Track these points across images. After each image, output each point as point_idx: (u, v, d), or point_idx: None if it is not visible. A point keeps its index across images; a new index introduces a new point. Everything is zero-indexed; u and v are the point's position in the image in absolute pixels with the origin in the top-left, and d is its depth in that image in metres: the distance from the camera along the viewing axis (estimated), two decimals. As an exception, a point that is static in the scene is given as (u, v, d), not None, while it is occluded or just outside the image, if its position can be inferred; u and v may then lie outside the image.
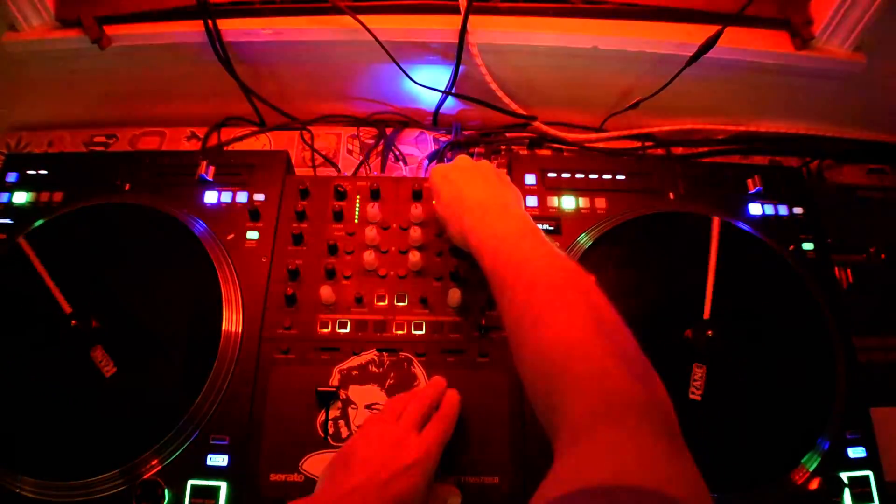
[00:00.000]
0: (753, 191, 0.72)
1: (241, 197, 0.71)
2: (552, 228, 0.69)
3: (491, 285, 0.51)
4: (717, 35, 0.74)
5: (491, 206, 0.56)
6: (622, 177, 0.73)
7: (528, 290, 0.46)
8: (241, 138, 0.93)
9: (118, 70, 0.88)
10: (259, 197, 0.71)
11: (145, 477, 0.55)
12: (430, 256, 0.68)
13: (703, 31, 0.78)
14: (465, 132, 0.91)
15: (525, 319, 0.45)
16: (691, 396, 0.58)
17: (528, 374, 0.44)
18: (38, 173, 0.73)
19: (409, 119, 0.95)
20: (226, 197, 0.71)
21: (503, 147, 0.91)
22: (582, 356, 0.40)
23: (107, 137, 0.94)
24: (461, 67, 0.83)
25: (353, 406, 0.59)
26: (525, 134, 0.92)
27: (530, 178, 0.72)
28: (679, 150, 0.93)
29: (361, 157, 0.90)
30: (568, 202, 0.71)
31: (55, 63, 0.86)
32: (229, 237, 0.68)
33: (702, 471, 0.55)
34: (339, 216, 0.69)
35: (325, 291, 0.64)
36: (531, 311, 0.45)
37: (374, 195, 0.71)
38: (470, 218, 0.56)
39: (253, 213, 0.69)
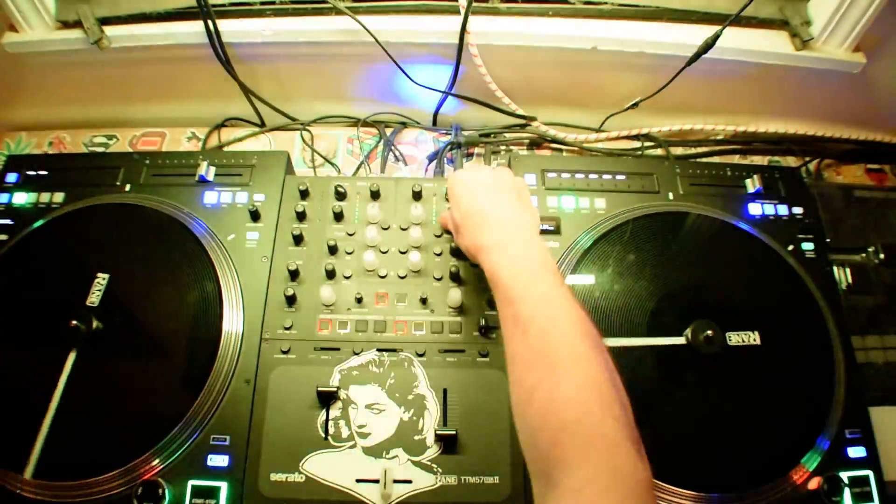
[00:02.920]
0: (753, 191, 0.72)
1: (242, 197, 0.71)
2: (552, 228, 0.69)
3: (501, 313, 0.50)
4: (717, 35, 0.74)
5: (512, 230, 0.54)
6: (622, 177, 0.73)
7: (545, 335, 0.46)
8: (241, 139, 0.93)
9: (118, 71, 0.88)
10: (259, 197, 0.71)
11: (146, 477, 0.55)
12: (429, 256, 0.68)
13: (702, 32, 0.78)
14: (465, 132, 0.91)
15: (539, 365, 0.45)
16: (756, 342, 0.60)
17: (532, 418, 0.44)
18: (38, 174, 0.73)
19: (408, 119, 0.95)
20: (226, 197, 0.71)
21: (503, 147, 0.91)
22: (598, 422, 0.41)
23: (107, 138, 0.94)
24: (461, 68, 0.83)
25: (353, 406, 0.59)
26: (525, 134, 0.92)
27: (530, 178, 0.72)
28: (678, 151, 0.93)
29: (361, 158, 0.90)
30: (568, 202, 0.71)
31: (55, 64, 0.86)
32: (229, 238, 0.68)
33: (702, 471, 0.56)
34: (339, 216, 0.69)
35: (326, 292, 0.64)
36: (547, 357, 0.45)
37: (374, 195, 0.71)
38: (487, 237, 0.54)
39: (253, 214, 0.69)
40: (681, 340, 0.61)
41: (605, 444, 0.40)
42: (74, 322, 0.60)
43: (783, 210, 0.72)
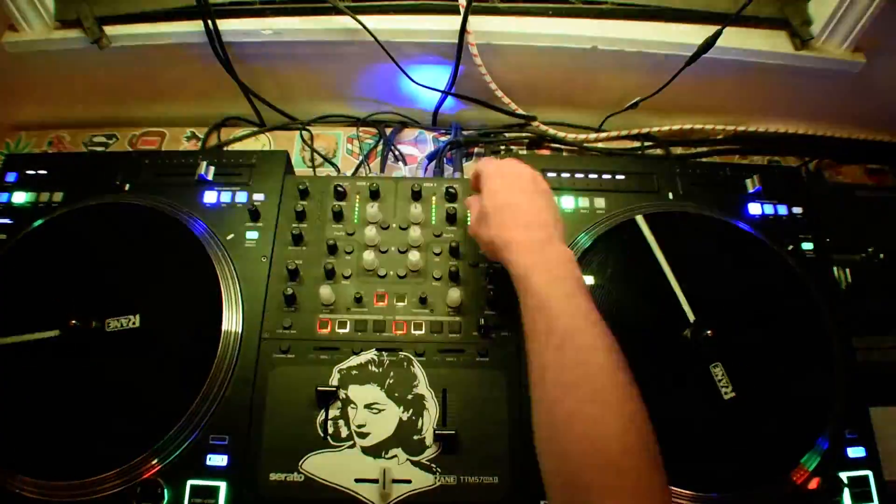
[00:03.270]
0: (752, 190, 0.72)
1: (241, 197, 0.71)
2: (551, 228, 0.69)
3: (529, 317, 0.49)
4: (717, 35, 0.74)
5: (550, 234, 0.53)
6: (621, 177, 0.73)
7: (586, 357, 0.45)
8: (240, 138, 0.93)
9: (118, 70, 0.88)
10: (259, 197, 0.71)
11: (145, 477, 0.55)
12: (429, 256, 0.68)
13: (702, 31, 0.78)
14: (465, 132, 0.91)
15: (579, 389, 0.44)
16: (726, 397, 0.58)
17: (569, 446, 0.43)
18: (37, 173, 0.73)
19: (408, 119, 0.95)
20: (225, 197, 0.71)
21: (502, 147, 0.91)
22: (637, 464, 0.41)
23: (106, 137, 0.94)
24: (461, 67, 0.83)
25: (352, 406, 0.59)
26: (524, 134, 0.92)
27: (530, 178, 0.72)
28: (678, 150, 0.93)
29: (361, 157, 0.90)
30: (567, 202, 0.71)
31: (55, 63, 0.86)
32: (229, 237, 0.68)
33: (702, 471, 0.56)
34: (338, 216, 0.69)
35: (325, 291, 0.64)
36: (588, 383, 0.44)
37: (374, 195, 0.71)
38: (521, 233, 0.52)
39: (252, 213, 0.69)
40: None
41: (643, 486, 0.41)
42: (74, 322, 0.60)
43: (783, 210, 0.72)
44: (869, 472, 0.58)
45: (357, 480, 0.56)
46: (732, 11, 0.74)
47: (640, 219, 0.66)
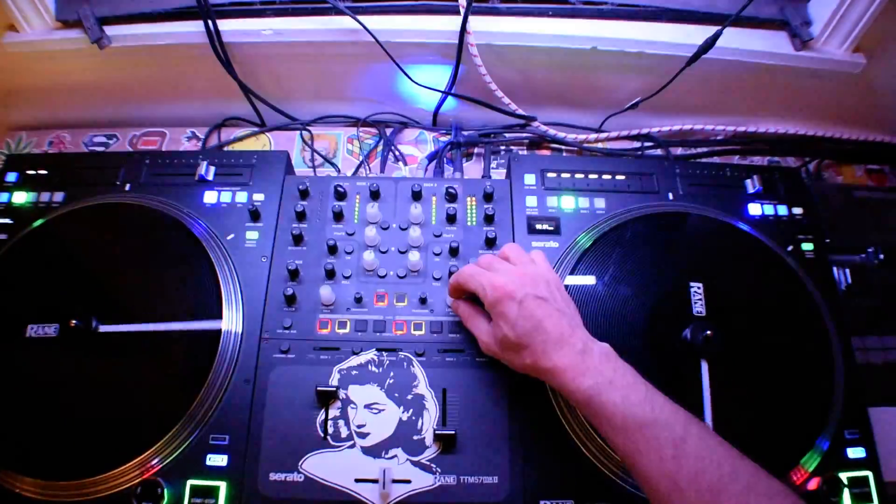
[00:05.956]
0: (752, 191, 0.72)
1: (241, 197, 0.71)
2: (551, 228, 0.69)
3: (618, 439, 0.47)
4: (717, 35, 0.74)
5: (582, 339, 0.52)
6: (621, 177, 0.73)
7: (712, 464, 0.45)
8: (241, 138, 0.93)
9: (118, 70, 0.88)
10: (259, 197, 0.71)
11: (145, 477, 0.55)
12: (429, 256, 0.68)
13: (702, 31, 0.78)
14: (465, 132, 0.91)
15: (731, 487, 0.44)
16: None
17: None
18: (38, 173, 0.73)
19: (408, 119, 0.95)
20: (226, 197, 0.71)
21: (503, 147, 0.91)
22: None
23: (107, 137, 0.94)
24: (461, 67, 0.83)
25: (352, 406, 0.59)
26: (524, 134, 0.92)
27: (530, 179, 0.72)
28: (678, 151, 0.93)
29: (361, 158, 0.90)
30: (567, 202, 0.71)
31: (55, 63, 0.86)
32: (229, 237, 0.68)
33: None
34: (338, 216, 0.69)
35: (325, 291, 0.64)
36: (733, 482, 0.44)
37: (374, 195, 0.71)
38: (561, 357, 0.50)
39: (253, 213, 0.69)
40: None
41: None
42: (74, 322, 0.60)
43: (783, 210, 0.72)
44: (869, 473, 0.58)
45: (357, 480, 0.56)
46: (732, 12, 0.74)
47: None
